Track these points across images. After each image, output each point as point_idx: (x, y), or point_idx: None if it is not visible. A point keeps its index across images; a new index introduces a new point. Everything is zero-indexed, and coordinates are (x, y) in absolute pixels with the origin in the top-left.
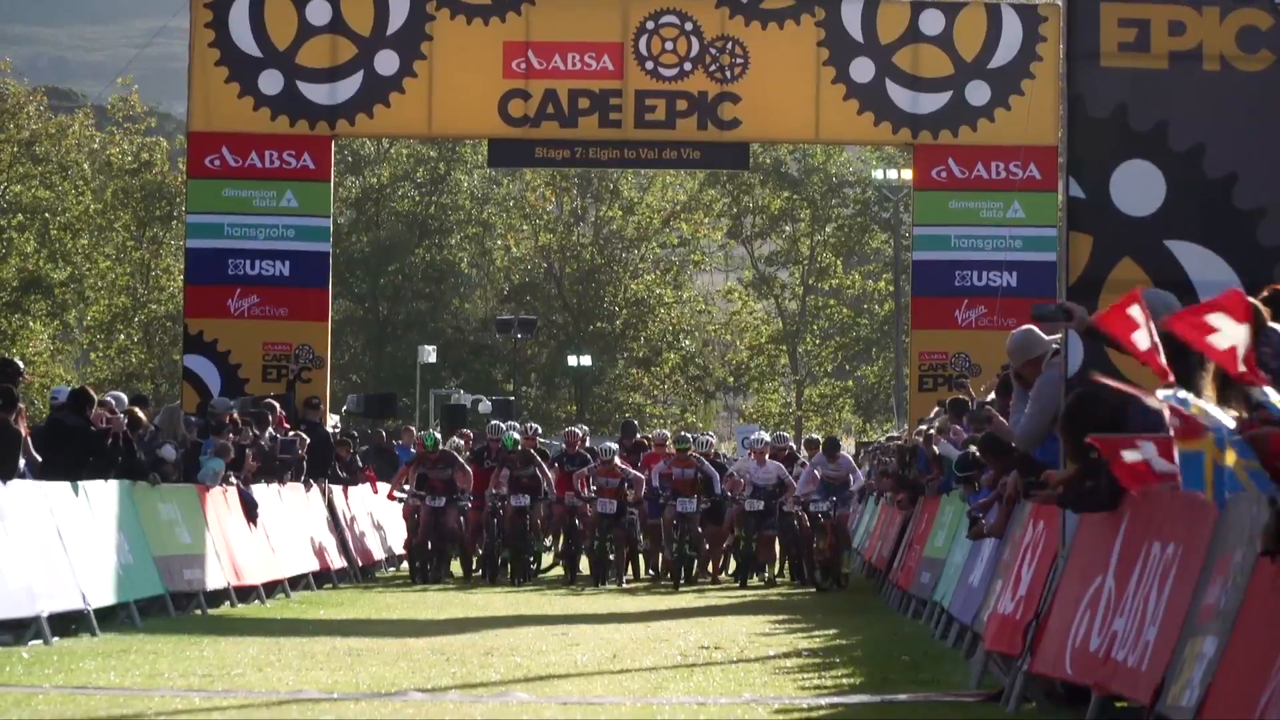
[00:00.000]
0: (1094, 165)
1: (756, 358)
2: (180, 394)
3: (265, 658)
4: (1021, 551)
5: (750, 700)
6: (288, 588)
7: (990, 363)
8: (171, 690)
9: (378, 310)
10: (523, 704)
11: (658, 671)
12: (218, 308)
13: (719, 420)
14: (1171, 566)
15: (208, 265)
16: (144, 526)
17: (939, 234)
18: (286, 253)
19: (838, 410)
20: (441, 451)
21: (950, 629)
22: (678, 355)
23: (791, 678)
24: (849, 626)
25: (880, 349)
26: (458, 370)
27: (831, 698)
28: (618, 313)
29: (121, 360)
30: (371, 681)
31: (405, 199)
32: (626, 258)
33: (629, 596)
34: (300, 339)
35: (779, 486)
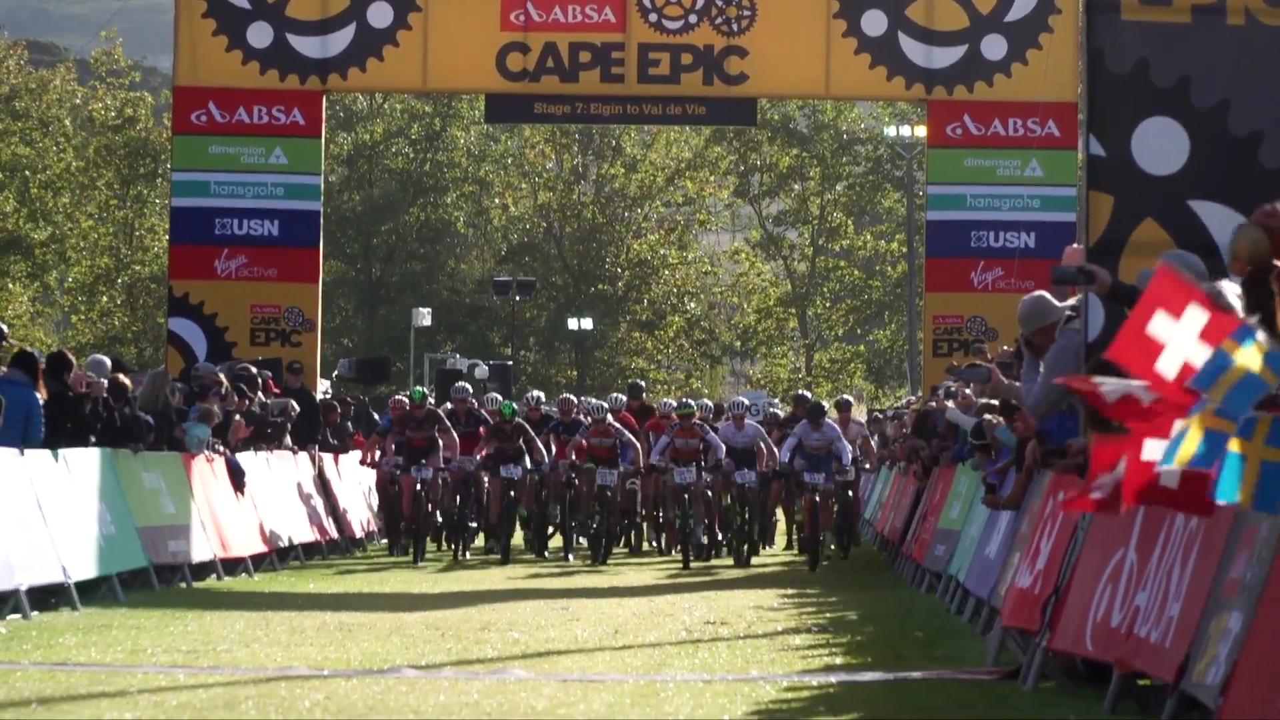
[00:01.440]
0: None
1: (764, 321)
2: (165, 358)
3: (252, 633)
4: (1040, 523)
5: (757, 678)
6: (276, 560)
7: (1007, 327)
8: (155, 667)
9: (370, 271)
10: (520, 681)
11: (661, 648)
12: (204, 269)
13: (725, 386)
14: (1195, 539)
15: (194, 225)
16: (127, 496)
17: (954, 193)
18: (275, 212)
19: (848, 376)
20: (428, 410)
21: (966, 604)
22: (682, 318)
23: (800, 654)
24: (860, 601)
25: (893, 312)
26: (453, 334)
27: (842, 675)
28: (620, 274)
29: (104, 323)
30: (363, 658)
31: (399, 156)
32: (629, 217)
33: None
34: (289, 301)
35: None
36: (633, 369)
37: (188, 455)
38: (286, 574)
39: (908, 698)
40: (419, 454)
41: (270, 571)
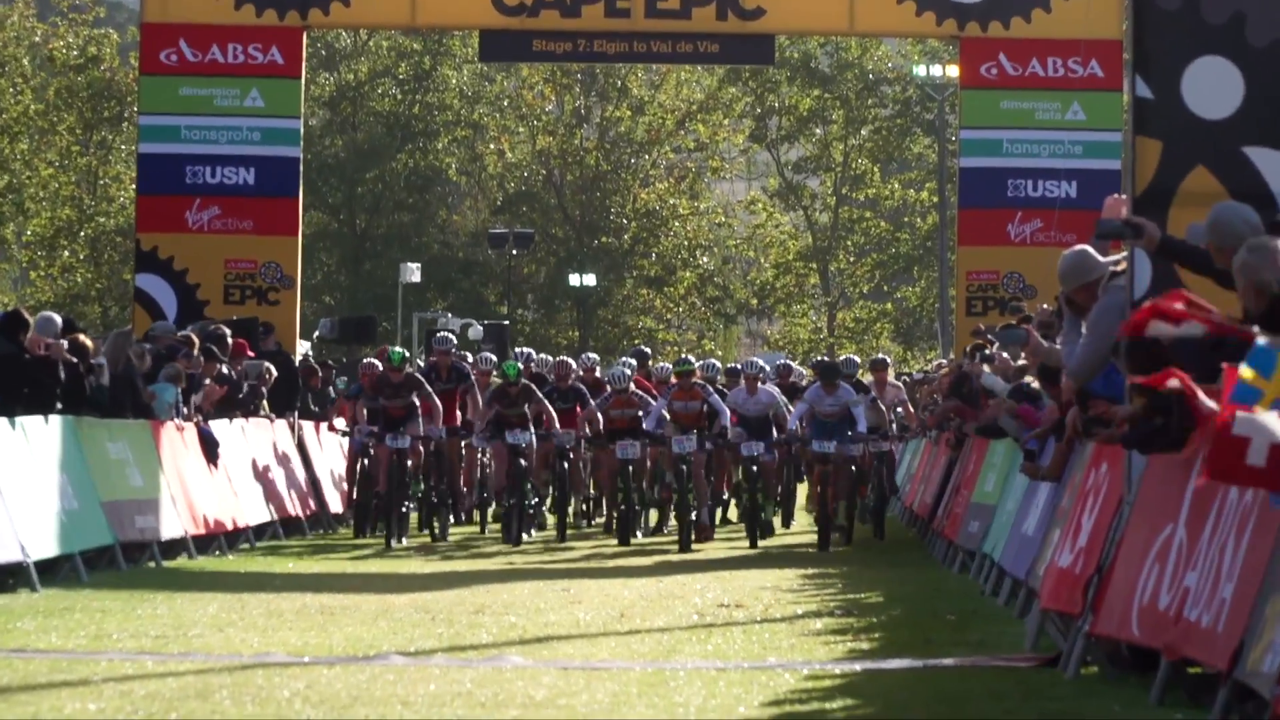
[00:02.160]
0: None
1: (783, 277)
2: (131, 318)
3: (226, 616)
4: (1082, 497)
5: (775, 665)
6: (252, 537)
7: (1047, 283)
8: (120, 653)
9: (354, 223)
10: (517, 669)
11: (671, 633)
12: (174, 221)
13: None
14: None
15: (163, 173)
16: (90, 468)
17: (989, 138)
18: (251, 159)
19: (874, 337)
20: (406, 374)
21: (1002, 585)
22: (694, 274)
23: (822, 640)
24: (887, 582)
25: (923, 267)
26: (445, 291)
27: (867, 662)
28: (626, 226)
29: (65, 280)
30: (347, 643)
31: (386, 98)
32: (636, 164)
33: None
34: (267, 256)
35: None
36: (640, 329)
37: (156, 423)
38: (263, 552)
39: (938, 687)
40: (396, 423)
41: (246, 550)
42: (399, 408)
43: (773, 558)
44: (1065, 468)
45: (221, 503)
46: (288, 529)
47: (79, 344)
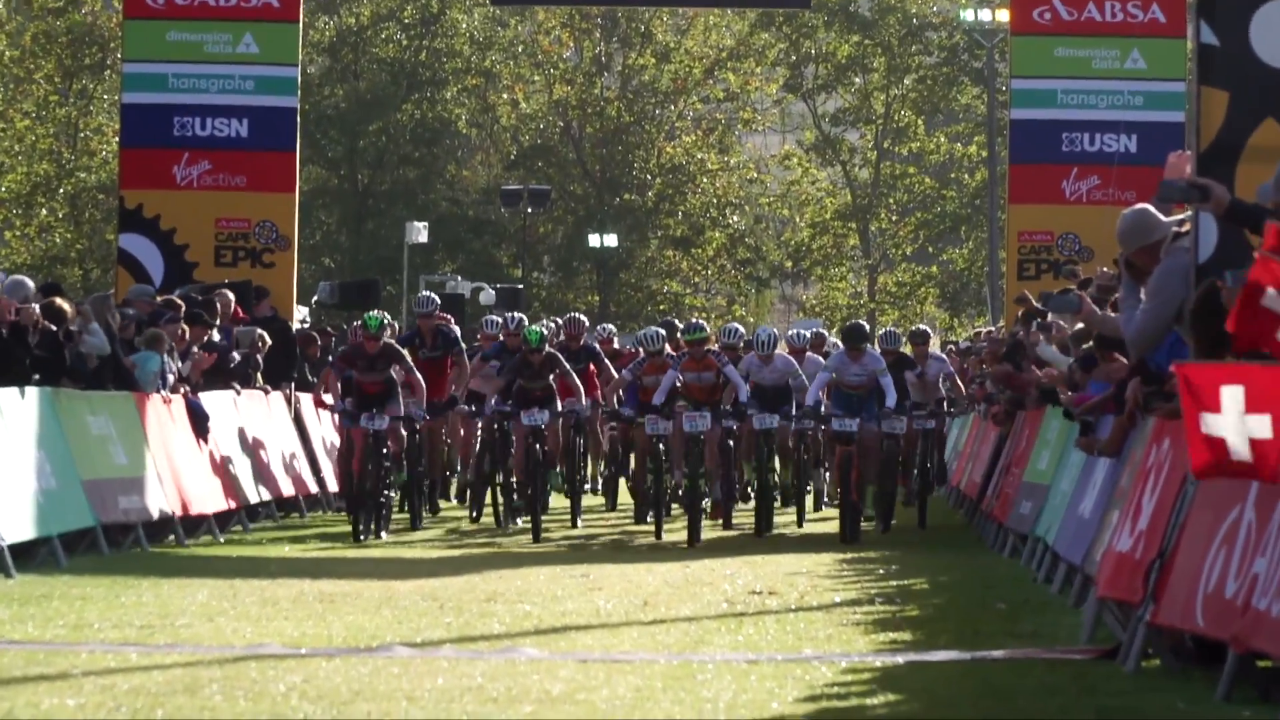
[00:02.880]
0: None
1: (820, 237)
2: (115, 281)
3: (217, 605)
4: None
5: (811, 657)
6: (245, 519)
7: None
8: (102, 644)
9: (356, 179)
10: (532, 661)
11: (698, 622)
12: (160, 176)
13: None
14: None
15: (148, 125)
16: (70, 444)
17: (1042, 88)
18: (245, 109)
19: (918, 302)
20: (384, 344)
21: (1056, 571)
22: (723, 234)
23: (861, 630)
24: (932, 568)
25: (971, 227)
26: (454, 252)
27: (910, 654)
28: (650, 182)
29: (43, 241)
30: (347, 634)
31: (390, 44)
32: (661, 115)
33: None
34: (261, 214)
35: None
36: (665, 294)
37: (141, 395)
38: (257, 536)
39: (987, 681)
40: (373, 401)
41: (238, 533)
42: (375, 383)
43: (809, 541)
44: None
45: (212, 482)
46: (284, 510)
47: (56, 309)
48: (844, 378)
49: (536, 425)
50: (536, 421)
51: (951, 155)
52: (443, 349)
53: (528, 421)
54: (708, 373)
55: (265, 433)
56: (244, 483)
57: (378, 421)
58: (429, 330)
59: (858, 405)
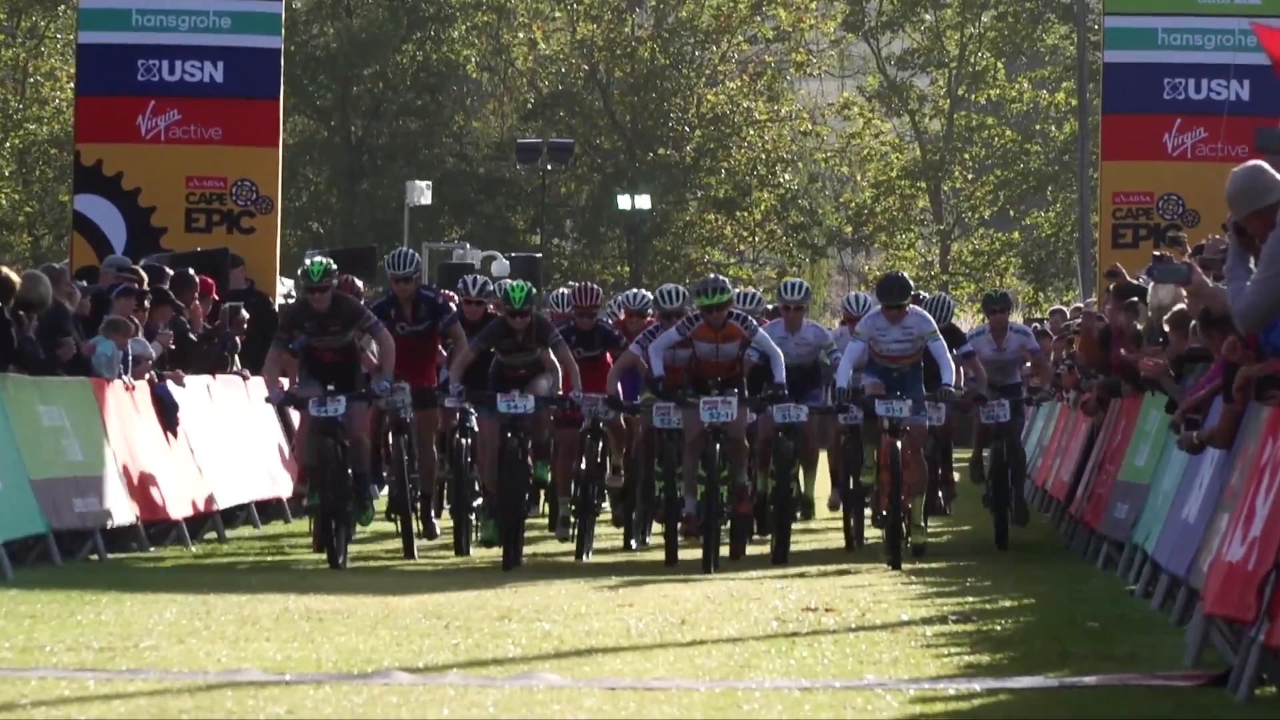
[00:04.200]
0: None
1: (884, 199)
2: (69, 249)
3: (189, 624)
4: (1256, 474)
5: (874, 684)
6: (221, 524)
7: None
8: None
9: (349, 131)
10: (552, 689)
11: (744, 643)
12: (123, 128)
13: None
14: None
15: (108, 68)
16: (17, 438)
17: (1140, 26)
18: (220, 50)
19: (997, 273)
20: (338, 299)
21: (1156, 584)
22: (773, 195)
23: (933, 652)
24: (1014, 580)
25: (1058, 187)
26: (461, 215)
27: (989, 680)
28: (688, 135)
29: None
30: (339, 657)
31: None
32: (701, 58)
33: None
34: (240, 172)
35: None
36: (705, 263)
37: (100, 382)
38: (235, 544)
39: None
40: (329, 376)
41: (212, 541)
42: (333, 352)
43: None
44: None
45: (182, 482)
46: (265, 514)
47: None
48: (881, 347)
49: (517, 413)
50: (516, 409)
51: (1036, 104)
52: (428, 321)
53: (504, 408)
54: (730, 344)
55: (244, 425)
56: (219, 482)
57: (332, 406)
58: (408, 298)
59: (904, 383)
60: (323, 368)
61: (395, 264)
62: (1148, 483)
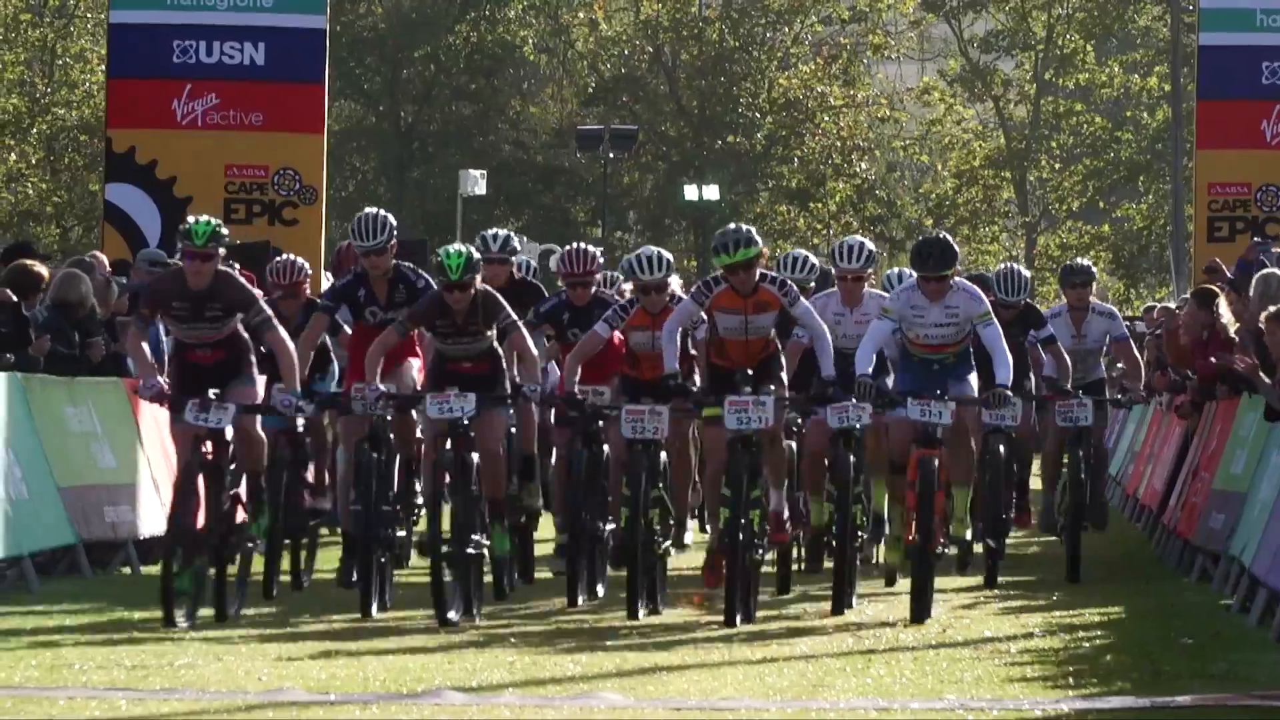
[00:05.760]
0: None
1: (967, 189)
2: (100, 242)
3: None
4: None
5: (955, 706)
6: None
7: None
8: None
9: (398, 117)
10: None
11: (817, 661)
12: (157, 113)
13: None
14: None
15: (142, 49)
16: (44, 443)
17: (1238, 7)
18: (261, 31)
19: None
20: (221, 274)
21: (1254, 598)
22: (849, 185)
23: (1017, 670)
24: (1103, 594)
25: (1151, 177)
26: (518, 206)
27: (1077, 701)
28: (759, 122)
29: (12, 192)
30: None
31: None
32: (773, 40)
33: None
34: (282, 160)
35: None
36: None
37: (132, 382)
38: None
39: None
40: (205, 379)
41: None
42: (213, 350)
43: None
44: None
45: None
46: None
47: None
48: (917, 331)
49: (455, 419)
50: (453, 412)
51: (1127, 89)
52: (406, 306)
53: (436, 413)
54: (763, 315)
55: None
56: None
57: (216, 414)
58: (382, 276)
59: (946, 377)
60: (195, 370)
61: (362, 232)
62: (1245, 491)
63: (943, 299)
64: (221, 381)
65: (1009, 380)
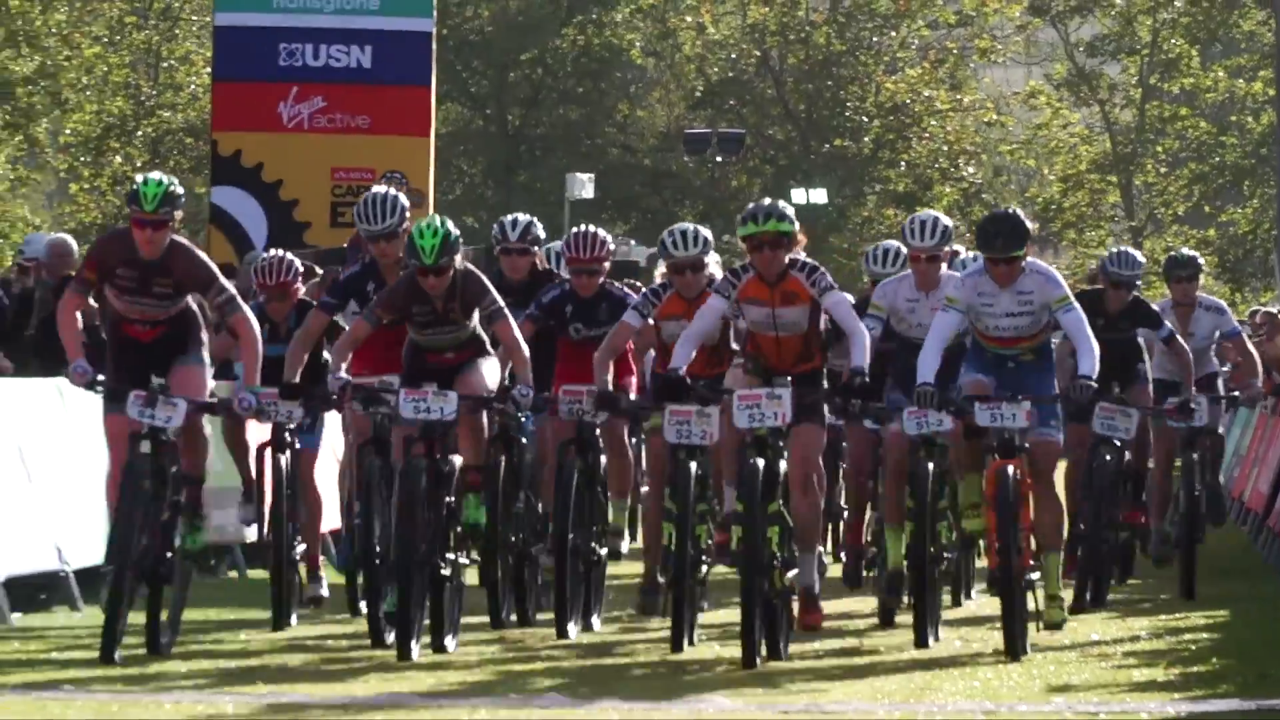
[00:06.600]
0: None
1: (1073, 193)
2: (206, 245)
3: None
4: None
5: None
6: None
7: None
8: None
9: (505, 121)
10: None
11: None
12: (263, 116)
13: None
14: None
15: (247, 52)
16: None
17: None
18: (368, 34)
19: None
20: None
21: None
22: (956, 189)
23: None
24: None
25: (1256, 181)
26: (626, 210)
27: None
28: (866, 125)
29: (117, 195)
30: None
31: None
32: (879, 43)
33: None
34: (389, 163)
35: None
36: None
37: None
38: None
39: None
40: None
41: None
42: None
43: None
44: None
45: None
46: None
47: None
48: (986, 322)
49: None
50: (430, 413)
51: (1232, 93)
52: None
53: (408, 412)
54: (792, 309)
55: None
56: None
57: (163, 411)
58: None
59: (1019, 379)
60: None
61: (369, 214)
62: None
63: (1014, 284)
64: (163, 362)
65: (1093, 371)
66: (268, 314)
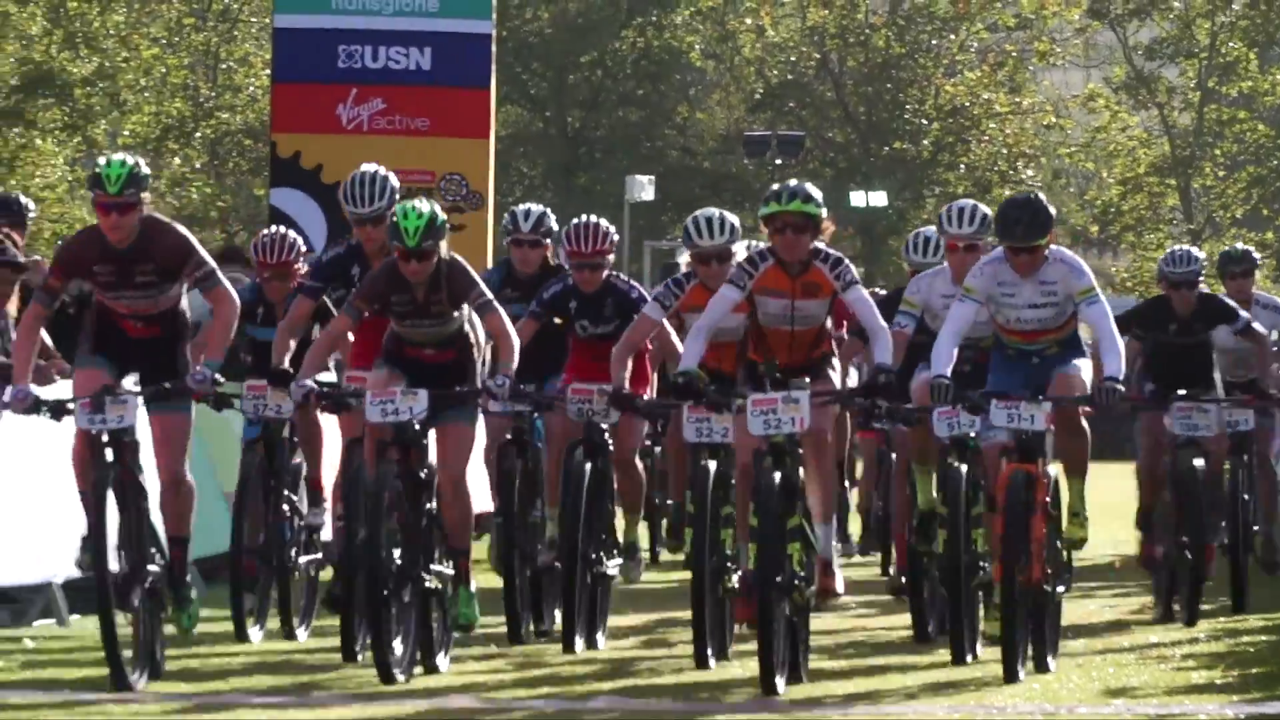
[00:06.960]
0: None
1: (1132, 196)
2: None
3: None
4: None
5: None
6: None
7: None
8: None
9: (565, 123)
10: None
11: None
12: (322, 118)
13: None
14: None
15: (306, 54)
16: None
17: None
18: (427, 36)
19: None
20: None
21: None
22: (1015, 192)
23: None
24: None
25: None
26: (685, 212)
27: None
28: (925, 128)
29: (176, 197)
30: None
31: None
32: (938, 46)
33: None
34: (448, 165)
35: None
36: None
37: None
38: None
39: None
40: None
41: None
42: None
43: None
44: None
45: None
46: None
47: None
48: (1006, 314)
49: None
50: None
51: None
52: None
53: (377, 415)
54: (813, 301)
55: None
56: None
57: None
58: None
59: (1044, 373)
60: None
61: (355, 195)
62: None
63: (1036, 273)
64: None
65: (1120, 371)
66: (266, 295)
